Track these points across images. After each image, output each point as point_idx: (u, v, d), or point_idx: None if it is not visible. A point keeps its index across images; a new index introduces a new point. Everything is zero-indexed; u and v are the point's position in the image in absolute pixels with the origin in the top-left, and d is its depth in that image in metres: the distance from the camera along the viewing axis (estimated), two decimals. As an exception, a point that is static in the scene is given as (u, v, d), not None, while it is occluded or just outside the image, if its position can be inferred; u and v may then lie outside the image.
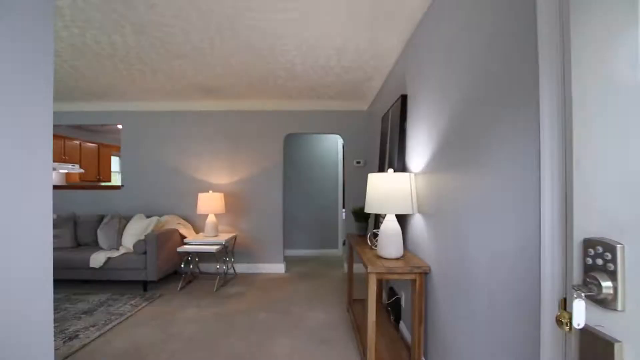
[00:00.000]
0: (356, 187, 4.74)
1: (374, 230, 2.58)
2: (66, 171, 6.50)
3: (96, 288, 3.93)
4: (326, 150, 5.95)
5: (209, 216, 4.30)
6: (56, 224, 4.19)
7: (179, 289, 3.89)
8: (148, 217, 4.45)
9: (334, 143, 5.96)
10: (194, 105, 4.76)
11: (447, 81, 1.84)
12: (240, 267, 4.72)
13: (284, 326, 2.90)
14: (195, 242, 4.09)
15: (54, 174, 6.35)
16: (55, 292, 3.63)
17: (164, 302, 3.49)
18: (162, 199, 4.79)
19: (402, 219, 2.52)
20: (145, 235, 3.80)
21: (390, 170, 2.27)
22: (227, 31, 2.56)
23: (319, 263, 5.29)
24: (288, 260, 5.28)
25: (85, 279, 3.83)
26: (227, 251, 4.44)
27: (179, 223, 4.46)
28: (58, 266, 3.75)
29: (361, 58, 3.09)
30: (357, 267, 4.44)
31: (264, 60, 3.16)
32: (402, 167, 2.62)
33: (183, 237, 4.36)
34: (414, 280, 2.06)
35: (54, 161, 5.92)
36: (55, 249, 3.98)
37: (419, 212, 2.26)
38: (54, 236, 4.02)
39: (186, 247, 3.96)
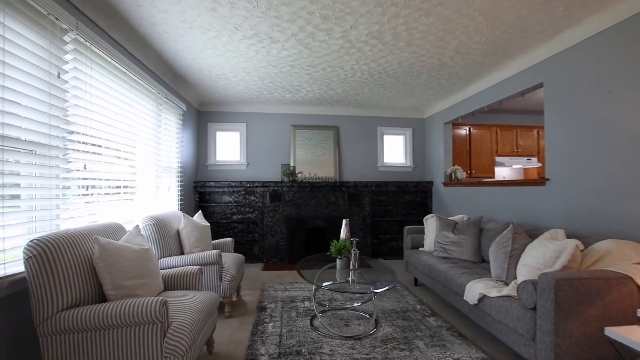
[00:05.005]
0: None
1: None
2: (520, 166, 5.47)
3: (478, 332, 2.62)
4: None
5: None
6: (458, 230, 3.38)
7: None
8: (570, 236, 2.35)
9: None
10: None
11: None
12: None
13: None
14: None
15: (504, 170, 5.60)
16: (436, 316, 2.83)
17: None
18: (607, 203, 2.39)
19: None
20: (541, 276, 1.91)
21: None
22: None
23: None
24: None
25: (462, 311, 2.66)
26: None
27: (638, 263, 1.92)
28: (443, 282, 2.93)
29: None
30: None
31: None
32: None
33: (652, 299, 1.80)
34: None
35: (501, 155, 5.18)
36: (449, 259, 3.22)
37: None
38: (454, 243, 3.27)
39: (626, 333, 1.51)
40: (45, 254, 1.59)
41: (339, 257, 2.85)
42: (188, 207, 4.67)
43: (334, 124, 5.46)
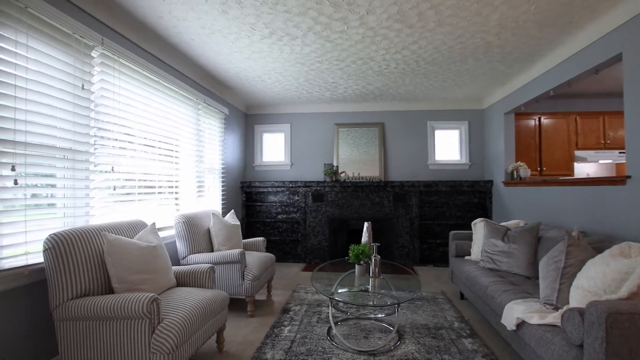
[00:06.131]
0: None
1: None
2: (610, 161, 4.47)
3: (529, 364, 2.16)
4: None
5: None
6: (510, 237, 2.87)
7: None
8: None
9: None
10: None
11: None
12: None
13: None
14: None
15: (587, 166, 4.65)
16: (475, 338, 2.43)
17: None
18: None
19: None
20: (590, 305, 1.46)
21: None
22: None
23: None
24: None
25: (504, 336, 2.22)
26: None
27: None
28: (484, 298, 2.53)
29: None
30: None
31: None
32: None
33: None
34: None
35: (583, 148, 4.34)
36: (496, 271, 2.77)
37: None
38: (503, 252, 2.82)
39: None
40: (59, 246, 1.76)
41: (358, 263, 2.64)
42: (234, 207, 4.89)
43: (378, 121, 5.17)
